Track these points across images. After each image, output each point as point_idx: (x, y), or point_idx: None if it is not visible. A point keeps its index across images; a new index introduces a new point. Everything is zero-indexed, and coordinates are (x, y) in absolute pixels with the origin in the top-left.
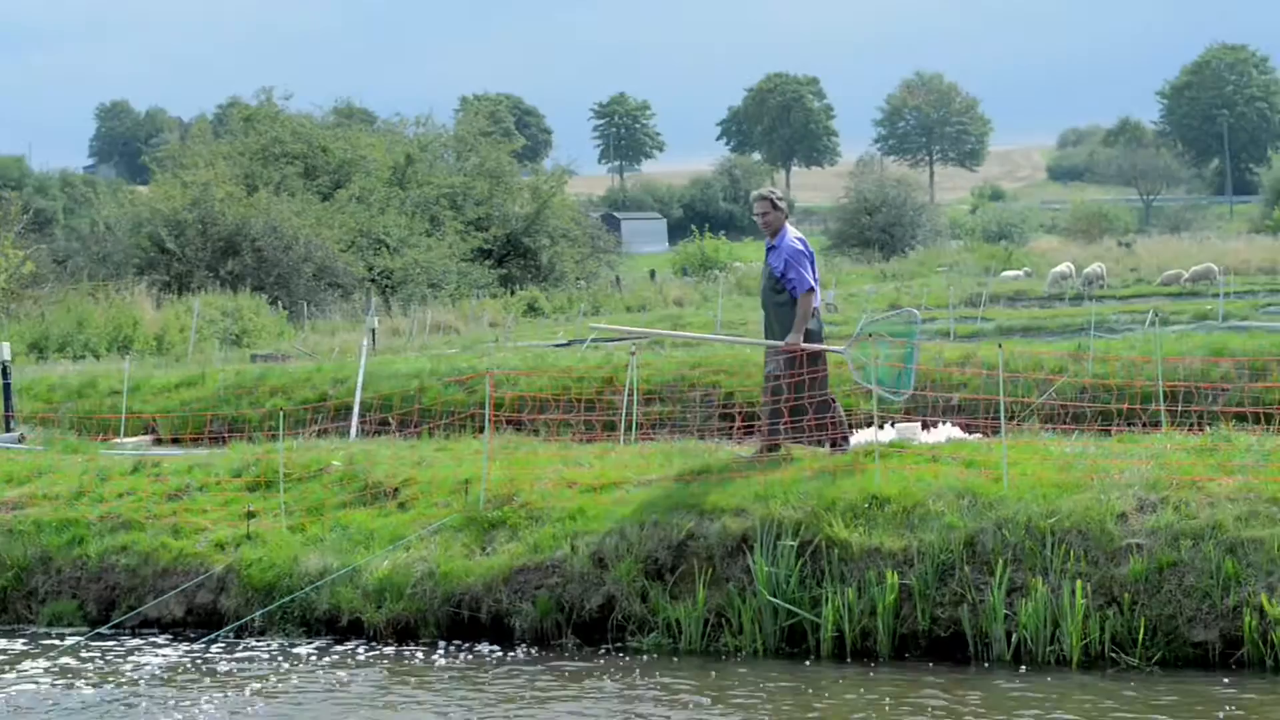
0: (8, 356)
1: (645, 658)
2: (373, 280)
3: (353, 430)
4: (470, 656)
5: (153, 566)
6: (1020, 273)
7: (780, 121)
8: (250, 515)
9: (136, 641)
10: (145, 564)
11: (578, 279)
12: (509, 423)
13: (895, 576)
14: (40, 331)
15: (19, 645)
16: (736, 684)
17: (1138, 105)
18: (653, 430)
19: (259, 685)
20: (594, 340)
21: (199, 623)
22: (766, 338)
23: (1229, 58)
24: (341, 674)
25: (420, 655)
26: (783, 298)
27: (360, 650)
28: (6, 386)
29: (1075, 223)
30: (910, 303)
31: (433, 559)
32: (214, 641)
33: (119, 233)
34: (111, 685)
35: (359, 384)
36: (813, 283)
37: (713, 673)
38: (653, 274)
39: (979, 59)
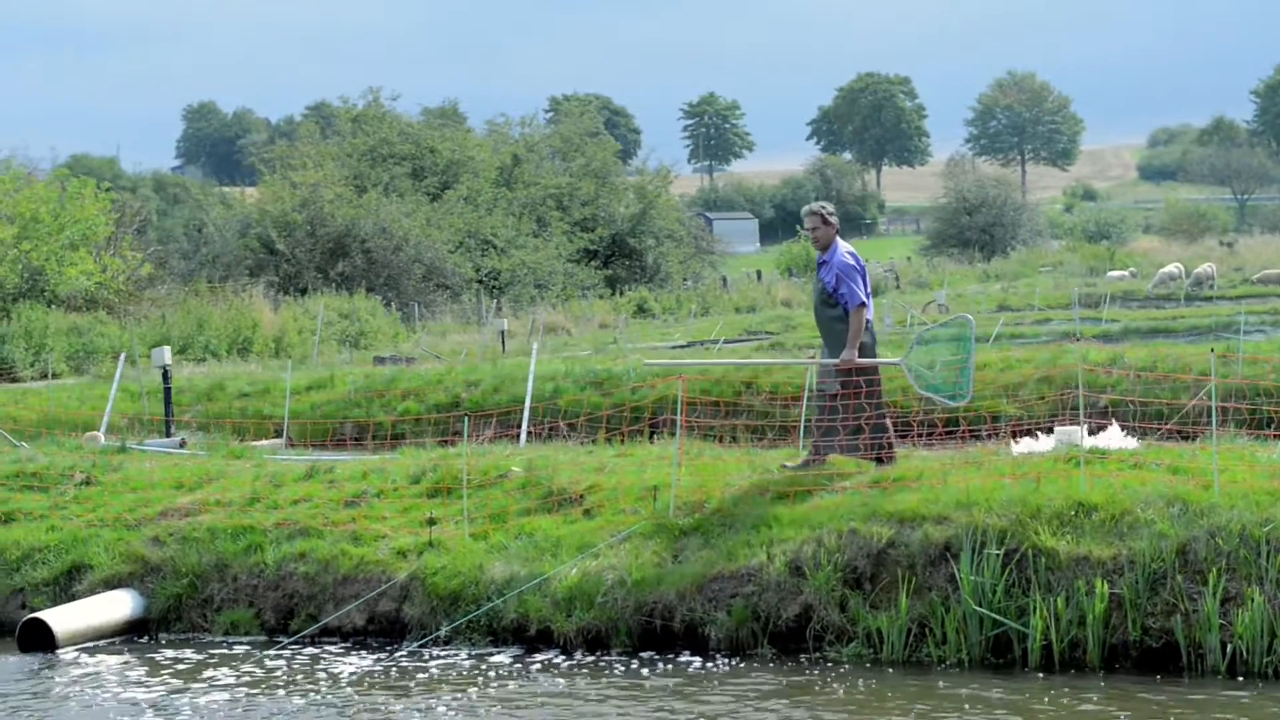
0: (168, 360)
1: (848, 667)
2: (480, 281)
3: (522, 436)
4: (671, 666)
5: (333, 574)
6: (1126, 273)
7: (871, 121)
8: (431, 522)
9: (316, 650)
10: (325, 572)
11: (685, 279)
12: (653, 426)
13: (1105, 585)
14: (161, 333)
15: (197, 653)
16: (960, 694)
17: (1230, 104)
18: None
19: (476, 691)
20: (724, 342)
21: (380, 632)
22: (823, 352)
23: None
24: (560, 682)
25: (621, 664)
26: (835, 312)
27: (560, 660)
28: (167, 391)
29: (1174, 222)
30: (1020, 303)
31: (623, 567)
32: (398, 649)
33: (227, 234)
34: (314, 692)
35: (529, 388)
36: (864, 298)
37: (941, 683)
38: (759, 274)
39: (1070, 57)
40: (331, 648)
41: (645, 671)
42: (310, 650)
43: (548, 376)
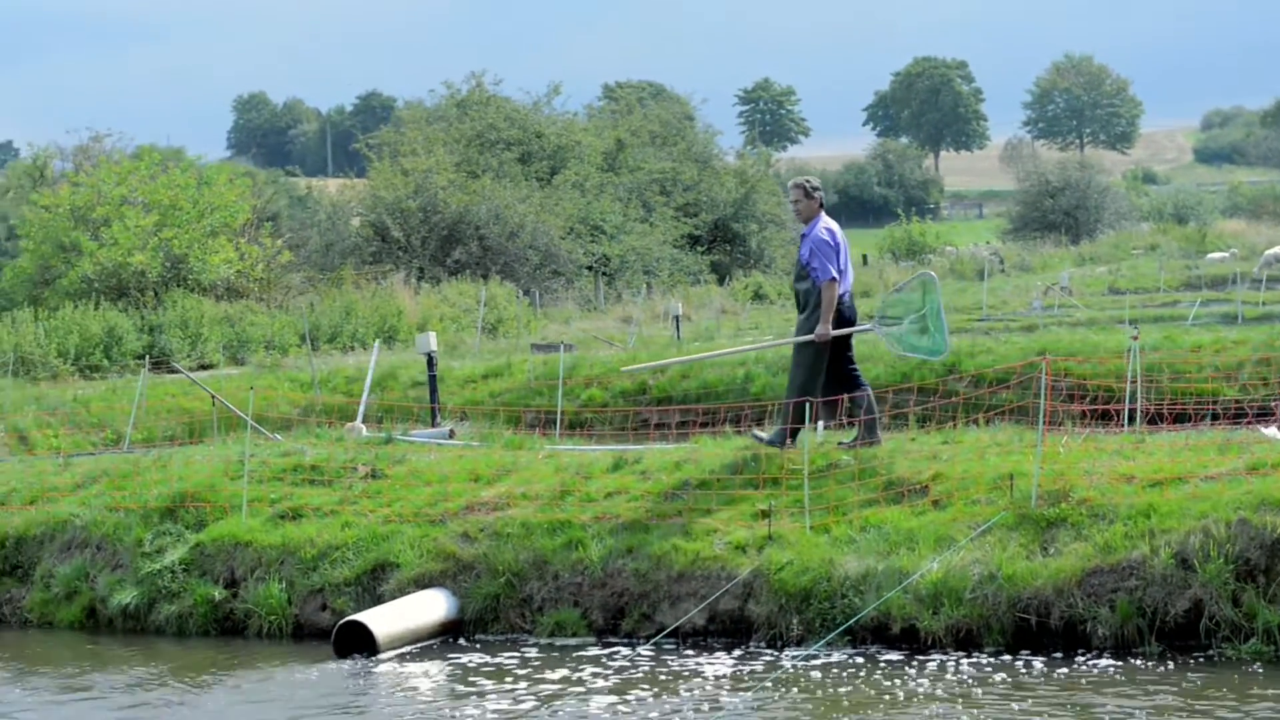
0: (433, 346)
1: (1248, 666)
2: (590, 268)
3: (819, 426)
4: (1090, 666)
5: (665, 571)
6: (1226, 255)
7: (928, 105)
8: (765, 515)
9: (659, 652)
10: (657, 569)
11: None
12: None
13: None
14: (311, 322)
15: (537, 656)
16: None
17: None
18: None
19: (888, 692)
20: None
21: (722, 631)
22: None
23: None
24: (966, 684)
25: (1022, 664)
26: (806, 284)
27: (958, 661)
28: (432, 378)
29: (1255, 204)
30: (1128, 285)
31: (990, 561)
32: (744, 649)
33: (338, 223)
34: (712, 698)
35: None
36: (834, 273)
37: None
38: (865, 259)
39: (1124, 40)
40: (667, 648)
41: (1062, 671)
42: (651, 652)
43: (737, 363)
